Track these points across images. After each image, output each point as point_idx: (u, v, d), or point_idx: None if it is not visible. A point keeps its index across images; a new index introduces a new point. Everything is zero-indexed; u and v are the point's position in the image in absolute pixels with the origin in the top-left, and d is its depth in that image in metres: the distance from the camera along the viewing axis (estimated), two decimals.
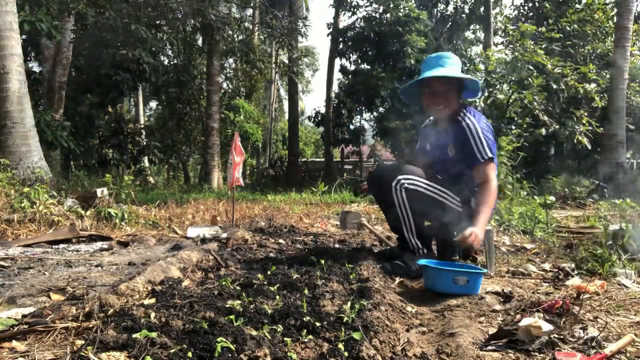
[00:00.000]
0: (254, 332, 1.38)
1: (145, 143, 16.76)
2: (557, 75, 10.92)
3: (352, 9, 18.65)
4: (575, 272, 2.58)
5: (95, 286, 2.12)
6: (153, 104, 30.81)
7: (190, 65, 18.42)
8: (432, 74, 2.68)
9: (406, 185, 2.58)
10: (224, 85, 23.33)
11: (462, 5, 20.31)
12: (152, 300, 1.74)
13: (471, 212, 2.65)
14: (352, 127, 19.63)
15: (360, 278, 2.19)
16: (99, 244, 3.45)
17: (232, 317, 1.48)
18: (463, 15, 20.20)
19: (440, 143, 2.80)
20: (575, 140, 11.14)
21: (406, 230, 2.66)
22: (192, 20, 14.39)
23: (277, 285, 1.98)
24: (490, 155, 2.58)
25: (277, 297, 1.80)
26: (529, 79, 10.85)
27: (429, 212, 2.74)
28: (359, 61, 18.63)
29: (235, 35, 17.03)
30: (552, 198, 5.28)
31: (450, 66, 2.70)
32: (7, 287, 2.09)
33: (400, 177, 2.59)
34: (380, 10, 17.59)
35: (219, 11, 13.80)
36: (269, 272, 2.26)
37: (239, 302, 1.69)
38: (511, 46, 12.25)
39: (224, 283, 2.01)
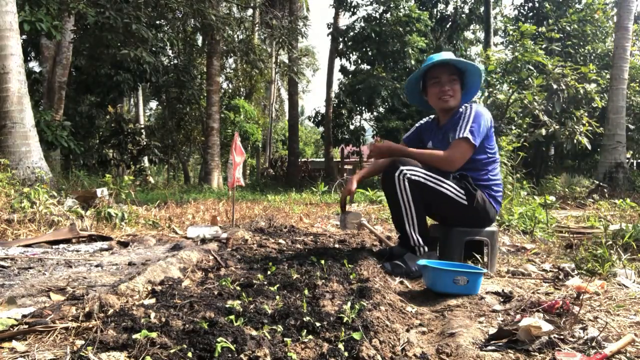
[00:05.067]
0: (254, 332, 1.38)
1: (145, 143, 16.78)
2: (557, 75, 10.92)
3: (352, 9, 18.66)
4: (575, 272, 2.58)
5: (95, 286, 2.12)
6: (153, 104, 30.91)
7: (190, 65, 18.44)
8: (434, 61, 2.73)
9: (408, 175, 2.54)
10: (224, 85, 23.37)
11: (462, 5, 20.31)
12: (152, 300, 1.74)
13: (477, 207, 2.64)
14: (352, 127, 19.65)
15: (360, 278, 2.19)
16: (99, 244, 3.44)
17: (232, 317, 1.48)
18: (463, 15, 20.20)
19: (443, 137, 2.78)
20: (575, 140, 11.13)
21: (408, 224, 2.62)
22: (192, 20, 14.40)
23: (277, 285, 1.98)
24: (466, 135, 2.55)
25: (277, 297, 1.80)
26: (529, 79, 10.84)
27: (432, 205, 2.72)
28: (359, 61, 18.65)
29: (235, 35, 17.03)
30: (552, 198, 5.28)
31: (452, 57, 2.75)
32: (7, 287, 2.09)
33: (403, 167, 2.55)
34: (381, 10, 17.61)
35: (219, 11, 13.80)
36: (269, 272, 2.26)
37: (239, 302, 1.69)
38: (511, 46, 12.23)
39: (224, 283, 2.01)
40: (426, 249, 2.65)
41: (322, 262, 2.43)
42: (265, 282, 2.05)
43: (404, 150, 2.73)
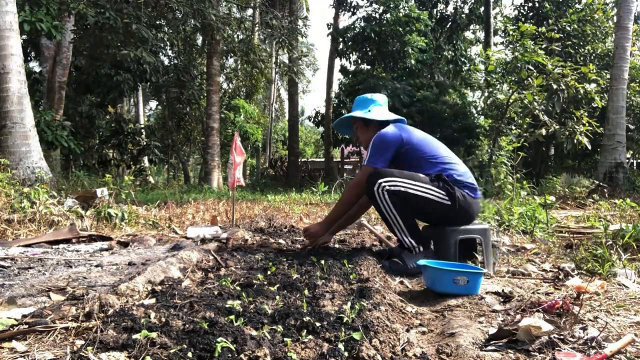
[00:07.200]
0: (254, 332, 1.38)
1: (145, 143, 16.77)
2: (557, 75, 10.92)
3: (352, 9, 18.65)
4: (575, 272, 2.58)
5: (95, 286, 2.12)
6: (153, 104, 30.90)
7: (190, 65, 18.42)
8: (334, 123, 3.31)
9: (387, 187, 2.61)
10: (224, 85, 23.34)
11: (462, 5, 20.30)
12: (152, 300, 1.74)
13: (461, 205, 2.66)
14: None
15: (360, 278, 2.19)
16: (99, 244, 3.45)
17: (232, 317, 1.48)
18: (463, 15, 20.19)
19: None
20: (575, 140, 11.13)
21: (398, 231, 2.69)
22: (192, 20, 14.38)
23: (277, 285, 1.98)
24: (366, 163, 2.80)
25: (277, 297, 1.80)
26: (529, 79, 10.85)
27: (416, 210, 2.74)
28: (359, 61, 18.63)
29: (235, 35, 17.02)
30: (552, 198, 5.27)
31: (353, 110, 3.09)
32: (7, 287, 2.09)
33: (381, 180, 2.63)
34: (380, 10, 17.59)
35: (219, 11, 13.79)
36: (269, 272, 2.27)
37: (239, 302, 1.69)
38: (511, 46, 12.24)
39: (224, 283, 2.01)
40: (421, 248, 2.69)
41: (322, 262, 2.43)
42: (265, 282, 2.05)
43: (329, 217, 3.01)
